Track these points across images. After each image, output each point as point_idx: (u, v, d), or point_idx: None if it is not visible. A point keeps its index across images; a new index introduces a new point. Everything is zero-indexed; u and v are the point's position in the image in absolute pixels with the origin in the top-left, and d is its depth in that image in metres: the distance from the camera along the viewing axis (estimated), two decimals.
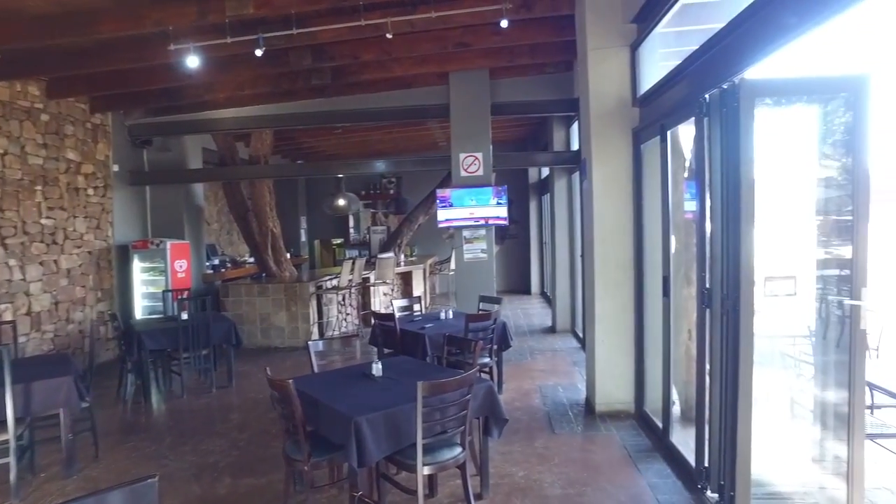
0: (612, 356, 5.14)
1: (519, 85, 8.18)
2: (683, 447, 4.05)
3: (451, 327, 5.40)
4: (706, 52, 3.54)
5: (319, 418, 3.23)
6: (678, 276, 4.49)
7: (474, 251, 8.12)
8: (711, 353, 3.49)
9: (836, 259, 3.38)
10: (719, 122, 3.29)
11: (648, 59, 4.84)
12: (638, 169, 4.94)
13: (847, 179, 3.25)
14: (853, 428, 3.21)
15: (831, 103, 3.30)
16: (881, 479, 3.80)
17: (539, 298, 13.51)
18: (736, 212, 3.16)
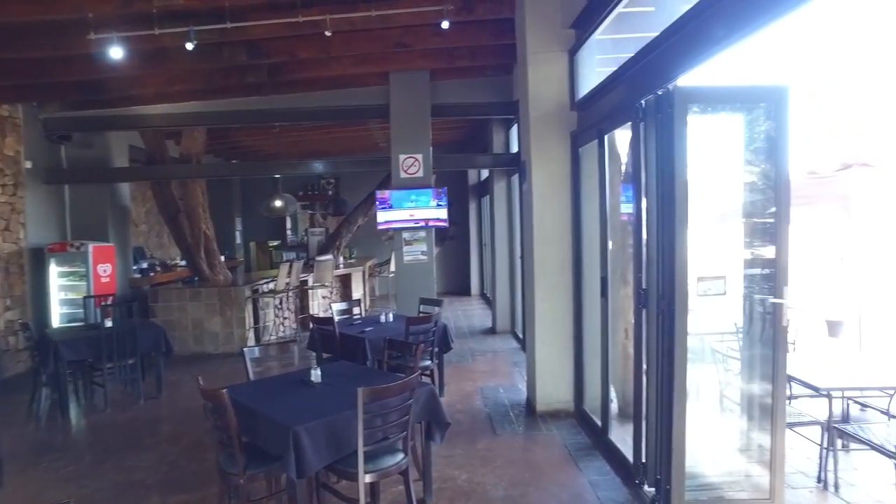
0: (551, 356, 5.22)
1: (459, 87, 8.20)
2: (622, 444, 4.15)
3: (392, 330, 5.33)
4: (642, 59, 3.65)
5: (256, 428, 3.10)
6: (615, 276, 4.61)
7: (414, 253, 8.07)
8: (648, 352, 3.59)
9: (760, 259, 3.54)
10: (655, 126, 3.39)
11: (586, 64, 4.95)
12: (576, 172, 5.04)
13: (769, 184, 3.42)
14: (776, 418, 3.38)
15: (755, 112, 3.46)
16: (797, 464, 4.03)
17: (479, 300, 13.62)
18: (671, 214, 3.26)
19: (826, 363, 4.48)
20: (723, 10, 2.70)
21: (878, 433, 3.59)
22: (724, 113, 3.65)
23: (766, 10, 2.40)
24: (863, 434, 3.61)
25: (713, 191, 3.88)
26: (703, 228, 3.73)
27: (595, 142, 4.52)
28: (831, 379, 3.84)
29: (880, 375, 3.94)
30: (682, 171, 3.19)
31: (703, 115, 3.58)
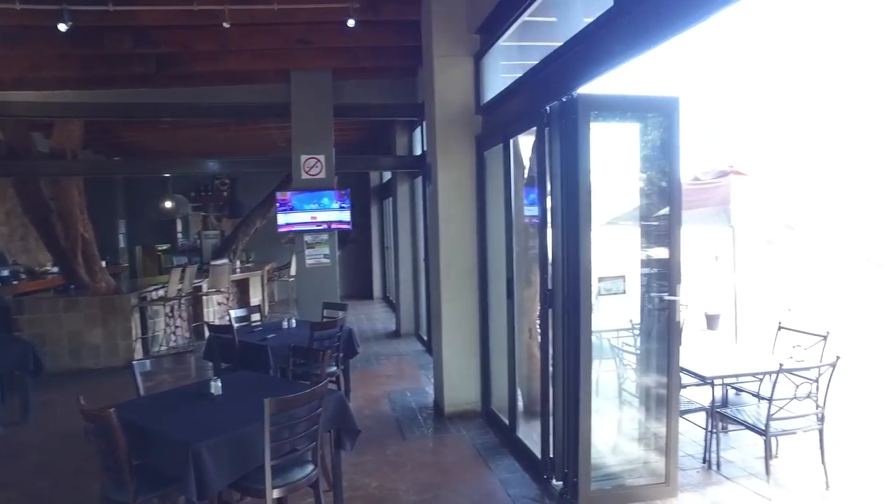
0: (458, 358, 5.27)
1: (363, 87, 8.09)
2: (529, 441, 4.26)
3: (295, 337, 5.13)
4: (546, 66, 3.77)
5: (149, 449, 2.84)
6: (519, 278, 4.73)
7: (317, 256, 7.85)
8: (554, 350, 3.72)
9: (655, 259, 3.77)
10: (559, 131, 3.51)
11: (492, 69, 5.05)
12: (481, 175, 5.13)
13: (663, 189, 3.67)
14: (670, 407, 3.63)
15: (649, 121, 3.68)
16: (686, 448, 4.34)
17: (382, 303, 13.51)
18: (575, 216, 3.39)
19: (707, 354, 4.86)
20: (620, 27, 2.85)
21: (750, 414, 3.96)
22: (623, 122, 3.85)
23: (658, 30, 2.56)
24: (739, 416, 3.96)
25: (613, 195, 4.09)
26: (604, 230, 3.92)
27: (500, 145, 4.62)
28: (713, 368, 4.17)
29: (752, 363, 4.34)
30: (585, 174, 3.34)
31: (604, 123, 3.76)
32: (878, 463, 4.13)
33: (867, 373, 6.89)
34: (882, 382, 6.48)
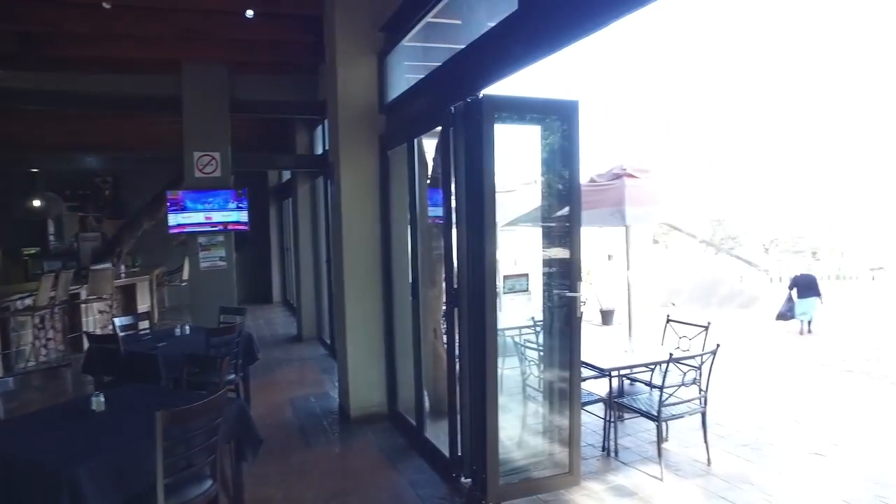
0: (363, 360, 5.17)
1: (262, 83, 7.77)
2: (438, 441, 4.26)
3: (190, 344, 4.81)
4: (452, 67, 3.79)
5: (11, 480, 2.51)
6: (423, 278, 4.73)
7: (212, 259, 7.44)
8: (460, 349, 3.74)
9: (556, 258, 3.90)
10: (464, 132, 3.54)
11: (396, 68, 5.02)
12: (385, 174, 5.07)
13: (564, 190, 3.81)
14: (573, 400, 3.77)
15: (551, 123, 3.81)
16: (587, 438, 4.54)
17: (282, 307, 13.06)
18: (479, 216, 3.43)
19: (604, 348, 5.13)
20: (524, 30, 2.92)
21: (644, 402, 4.21)
22: (526, 124, 3.96)
23: (559, 35, 2.64)
24: (634, 404, 4.20)
25: (517, 195, 4.19)
26: (508, 230, 4.00)
27: (405, 145, 4.60)
28: (610, 361, 4.40)
29: (644, 355, 4.62)
30: (489, 174, 3.39)
31: (508, 125, 3.84)
32: (748, 436, 4.55)
33: (736, 357, 7.59)
34: (747, 365, 7.17)
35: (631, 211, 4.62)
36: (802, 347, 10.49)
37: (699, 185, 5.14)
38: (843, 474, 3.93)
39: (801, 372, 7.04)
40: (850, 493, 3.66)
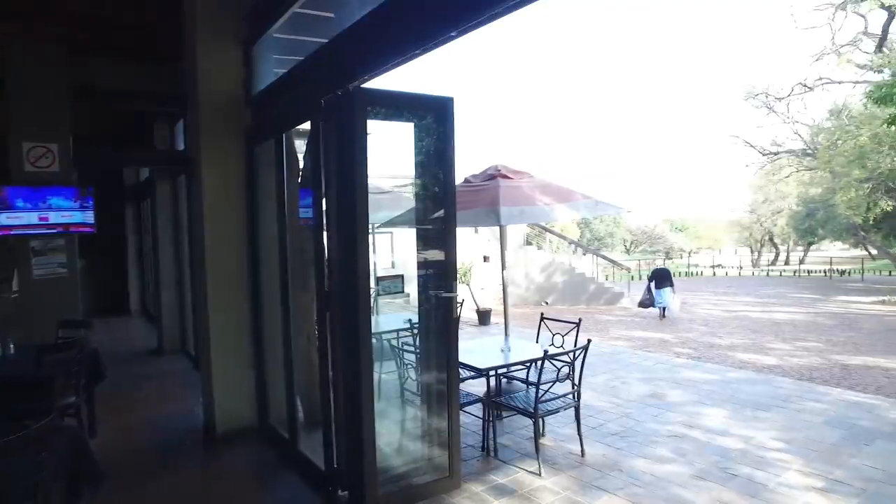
0: (230, 372, 4.78)
1: (116, 69, 6.96)
2: (313, 454, 4.01)
3: (15, 366, 4.15)
4: (323, 57, 3.59)
5: None
6: (296, 282, 4.46)
7: (49, 266, 6.54)
8: (334, 355, 3.54)
9: (432, 259, 3.83)
10: (335, 126, 3.35)
11: (264, 59, 4.69)
12: (252, 172, 4.73)
13: (439, 190, 3.74)
14: (451, 402, 3.72)
15: (426, 120, 3.72)
16: (466, 439, 4.53)
17: (140, 317, 11.90)
18: (352, 215, 3.26)
19: (481, 347, 5.17)
20: (396, 22, 2.81)
21: (521, 399, 4.28)
22: (400, 121, 3.84)
23: (425, 31, 2.57)
24: (512, 403, 4.25)
25: (392, 196, 4.06)
26: (383, 230, 3.86)
27: (273, 140, 4.30)
28: (487, 361, 4.42)
29: (520, 353, 4.71)
30: (362, 171, 3.23)
31: (381, 121, 3.71)
32: (617, 425, 4.80)
33: (604, 348, 8.07)
34: (613, 355, 7.64)
35: (505, 211, 4.68)
36: (659, 332, 11.45)
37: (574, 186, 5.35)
38: (696, 452, 4.25)
39: (658, 358, 7.61)
40: (702, 468, 3.96)
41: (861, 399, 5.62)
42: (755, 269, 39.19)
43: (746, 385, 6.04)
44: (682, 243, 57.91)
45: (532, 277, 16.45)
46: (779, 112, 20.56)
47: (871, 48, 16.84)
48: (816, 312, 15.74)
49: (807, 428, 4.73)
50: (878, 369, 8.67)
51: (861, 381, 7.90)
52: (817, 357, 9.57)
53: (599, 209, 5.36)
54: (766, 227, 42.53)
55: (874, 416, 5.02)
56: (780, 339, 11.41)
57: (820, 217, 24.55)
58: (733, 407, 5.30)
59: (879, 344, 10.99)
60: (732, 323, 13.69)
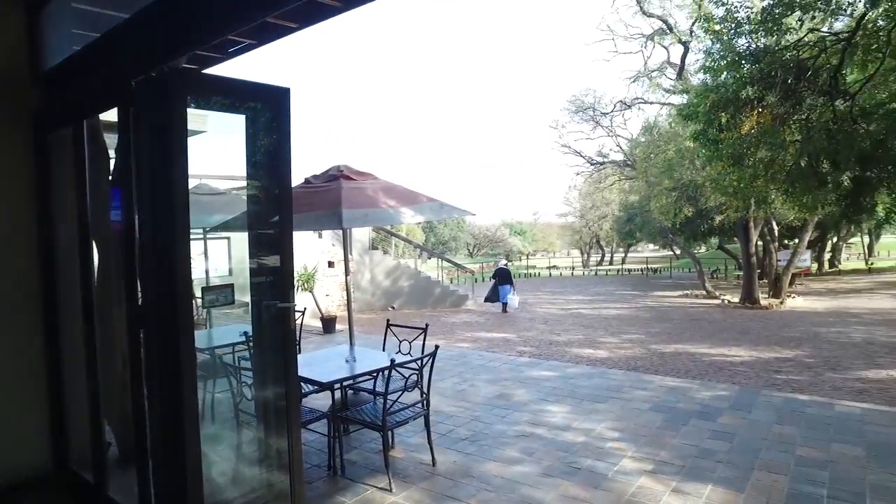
0: (14, 408, 3.93)
1: None
2: (127, 497, 3.41)
3: None
4: (134, 30, 3.06)
5: None
6: (106, 296, 3.79)
7: None
8: (150, 377, 3.02)
9: (267, 266, 3.45)
10: (150, 113, 2.86)
11: (60, 29, 3.92)
12: (44, 165, 3.95)
13: (273, 190, 3.38)
14: (291, 421, 3.37)
15: (259, 112, 3.35)
16: (311, 459, 4.21)
17: None
18: (170, 217, 2.80)
19: (325, 358, 4.84)
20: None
21: (369, 412, 4.05)
22: (228, 112, 3.42)
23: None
24: (359, 416, 4.01)
25: (229, 197, 3.61)
26: (211, 235, 3.41)
27: (72, 128, 3.62)
28: (332, 373, 4.13)
29: (366, 363, 4.47)
30: (181, 167, 2.78)
31: (206, 111, 3.27)
32: (466, 429, 4.77)
33: (451, 351, 8.13)
34: (460, 357, 7.73)
35: (348, 214, 4.41)
36: (503, 332, 11.90)
37: (419, 188, 5.25)
38: (543, 449, 4.35)
39: (503, 359, 7.83)
40: (549, 465, 4.05)
41: (677, 384, 6.22)
42: (585, 269, 43.02)
43: (584, 379, 6.39)
44: (521, 246, 61.86)
45: (378, 282, 16.29)
46: (604, 125, 22.74)
47: (673, 75, 19.27)
48: (637, 307, 17.53)
49: (636, 415, 5.09)
50: (686, 355, 9.80)
51: (675, 366, 8.85)
52: (640, 348, 10.57)
53: (445, 212, 5.31)
54: (593, 230, 46.87)
55: (688, 398, 5.56)
56: (609, 333, 12.47)
57: (638, 221, 27.50)
58: (574, 402, 5.55)
59: (686, 332, 12.49)
60: (569, 320, 14.72)
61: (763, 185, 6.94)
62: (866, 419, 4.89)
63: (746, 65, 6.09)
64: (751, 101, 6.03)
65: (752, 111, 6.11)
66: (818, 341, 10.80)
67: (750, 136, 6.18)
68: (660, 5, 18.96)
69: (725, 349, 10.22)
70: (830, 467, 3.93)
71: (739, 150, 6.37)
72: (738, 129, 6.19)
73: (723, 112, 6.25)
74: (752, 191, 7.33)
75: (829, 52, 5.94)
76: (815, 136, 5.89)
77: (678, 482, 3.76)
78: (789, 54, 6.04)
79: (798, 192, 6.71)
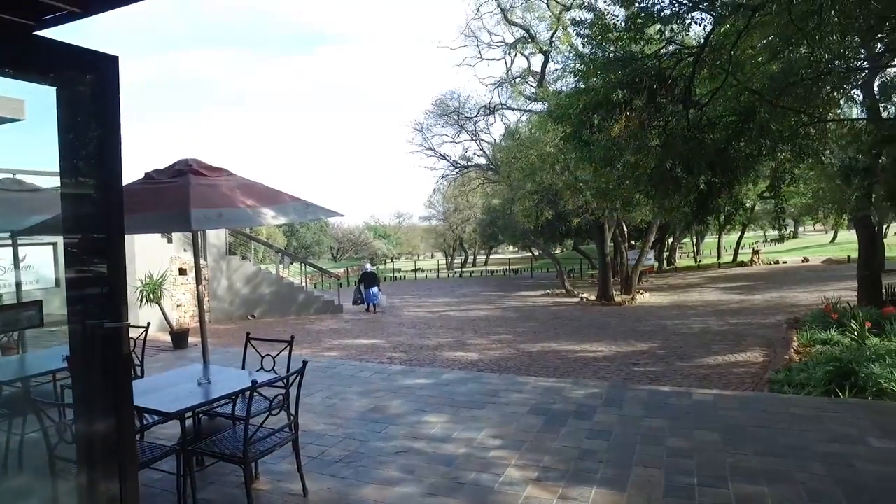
0: None
1: None
2: None
3: None
4: None
5: None
6: None
7: None
8: None
9: (91, 278, 2.80)
10: None
11: None
12: None
13: (99, 186, 2.73)
14: (124, 462, 2.76)
15: (79, 86, 2.68)
16: (156, 502, 3.56)
17: None
18: None
19: (175, 382, 4.15)
20: None
21: (227, 442, 3.51)
22: (32, 81, 2.72)
23: None
24: (216, 448, 3.45)
25: (52, 195, 2.86)
26: (42, 240, 2.67)
27: None
28: (179, 400, 3.51)
29: (222, 384, 3.89)
30: None
31: (22, 98, 2.55)
32: (339, 449, 4.35)
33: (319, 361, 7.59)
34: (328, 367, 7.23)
35: (198, 214, 3.80)
36: (372, 338, 11.53)
37: (279, 187, 4.73)
38: (425, 466, 4.06)
39: (375, 367, 7.46)
40: (432, 483, 3.77)
41: (551, 384, 6.28)
42: (450, 271, 43.85)
43: (460, 385, 6.23)
44: (385, 249, 61.83)
45: (237, 290, 15.12)
46: (468, 130, 23.19)
47: (535, 83, 20.16)
48: (503, 308, 18.04)
49: (516, 420, 4.99)
50: (553, 353, 10.14)
51: (544, 365, 9.08)
52: (509, 348, 10.76)
53: (311, 213, 4.84)
54: (457, 233, 47.92)
55: (563, 398, 5.60)
56: (478, 334, 12.59)
57: (500, 224, 28.51)
58: (451, 410, 5.34)
59: (550, 330, 13.01)
60: (437, 323, 14.70)
61: (629, 188, 7.32)
62: (718, 405, 5.23)
63: (615, 69, 6.36)
64: (621, 104, 6.32)
65: (621, 114, 6.38)
66: (666, 333, 11.77)
67: (620, 139, 6.47)
68: (521, 15, 19.76)
69: (588, 345, 10.74)
70: (696, 455, 4.08)
71: (610, 152, 6.65)
72: (609, 132, 6.44)
73: (595, 114, 6.48)
74: (619, 192, 7.72)
75: (684, 65, 6.39)
76: (672, 142, 6.31)
77: (564, 487, 3.67)
78: (650, 63, 6.41)
79: (658, 196, 7.17)
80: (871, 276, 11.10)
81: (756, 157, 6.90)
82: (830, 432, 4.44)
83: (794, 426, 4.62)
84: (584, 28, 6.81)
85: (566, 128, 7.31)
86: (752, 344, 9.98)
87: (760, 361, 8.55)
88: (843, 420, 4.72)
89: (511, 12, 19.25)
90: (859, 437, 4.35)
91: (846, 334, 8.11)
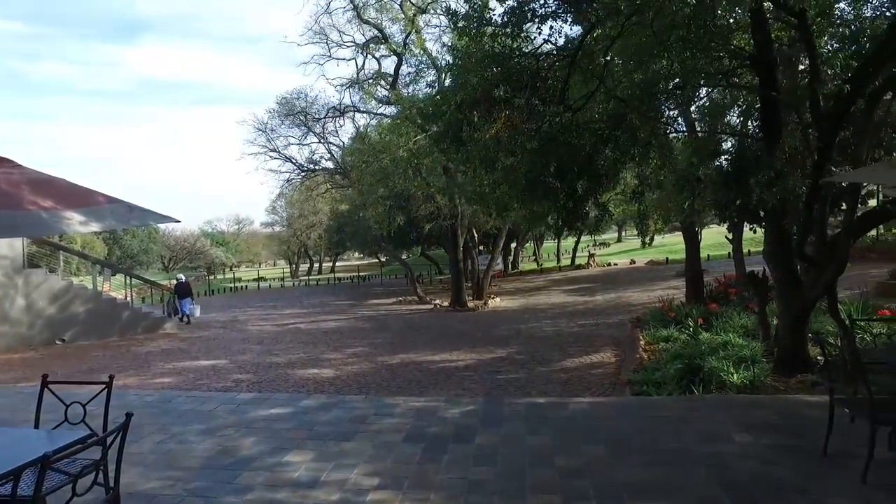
0: None
1: None
2: None
3: None
4: None
5: None
6: None
7: None
8: None
9: None
10: None
11: None
12: None
13: None
14: None
15: None
16: None
17: None
18: None
19: None
20: None
21: None
22: None
23: None
24: None
25: None
26: None
27: None
28: None
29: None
30: None
31: None
32: None
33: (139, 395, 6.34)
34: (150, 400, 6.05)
35: None
36: (212, 359, 10.19)
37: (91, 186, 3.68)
38: None
39: (220, 397, 6.39)
40: None
41: (422, 404, 5.79)
42: (295, 279, 41.84)
43: (322, 412, 5.48)
44: (224, 258, 57.65)
45: (39, 310, 12.65)
46: (316, 132, 22.01)
47: (387, 86, 19.70)
48: (356, 317, 17.30)
49: (391, 451, 4.42)
50: (413, 364, 9.70)
51: (406, 378, 8.58)
52: (366, 362, 10.12)
53: (136, 218, 3.83)
54: (301, 240, 45.85)
55: (438, 419, 5.15)
56: (331, 348, 11.77)
57: (349, 230, 27.62)
58: (316, 444, 4.60)
59: (407, 340, 12.60)
60: (286, 337, 13.57)
61: (505, 192, 7.12)
62: (595, 414, 5.15)
63: (493, 65, 6.08)
64: (501, 101, 6.06)
65: (500, 113, 6.12)
66: (522, 338, 11.95)
67: (500, 140, 6.20)
68: (375, 16, 19.20)
69: (447, 354, 10.47)
70: (588, 475, 3.85)
71: (490, 153, 6.36)
72: (488, 132, 6.15)
73: (474, 111, 6.14)
74: (494, 197, 7.49)
75: (558, 66, 6.33)
76: (546, 146, 6.20)
77: None
78: (526, 62, 6.24)
79: (529, 201, 7.06)
80: (695, 276, 12.30)
81: (622, 162, 7.12)
82: (701, 432, 4.52)
83: (669, 429, 4.64)
84: (459, 20, 6.48)
85: (440, 126, 6.91)
86: (602, 344, 10.44)
87: (614, 361, 8.89)
88: (709, 418, 4.86)
89: (364, 10, 18.62)
90: (726, 434, 4.47)
91: (682, 331, 8.75)
